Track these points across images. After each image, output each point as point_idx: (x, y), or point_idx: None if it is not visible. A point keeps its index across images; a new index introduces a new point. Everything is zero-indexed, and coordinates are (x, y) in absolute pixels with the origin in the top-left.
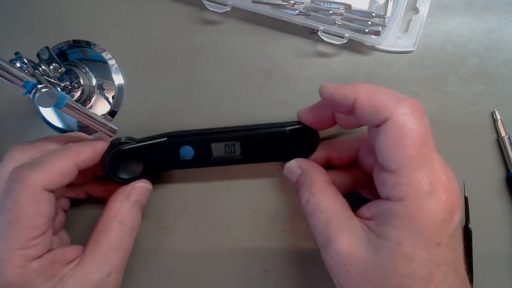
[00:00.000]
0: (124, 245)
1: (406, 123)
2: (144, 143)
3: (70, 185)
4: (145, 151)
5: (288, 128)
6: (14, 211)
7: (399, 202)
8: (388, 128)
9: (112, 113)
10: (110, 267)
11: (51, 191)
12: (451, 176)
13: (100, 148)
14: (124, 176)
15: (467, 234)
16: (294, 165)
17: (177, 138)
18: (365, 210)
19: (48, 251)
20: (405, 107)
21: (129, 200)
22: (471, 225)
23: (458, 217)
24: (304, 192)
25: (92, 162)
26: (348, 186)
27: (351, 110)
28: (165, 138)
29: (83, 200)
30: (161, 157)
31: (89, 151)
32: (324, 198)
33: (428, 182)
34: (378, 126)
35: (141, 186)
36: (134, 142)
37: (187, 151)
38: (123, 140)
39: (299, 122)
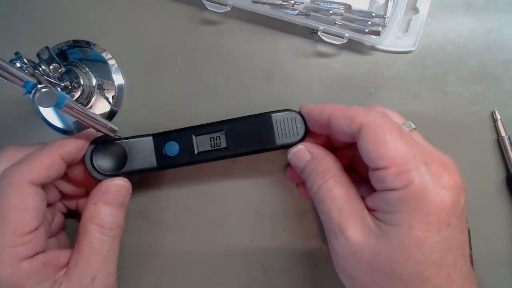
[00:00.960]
0: (105, 246)
1: (380, 123)
2: (128, 139)
3: (66, 198)
4: (129, 147)
5: (272, 113)
6: (1, 207)
7: (403, 189)
8: (365, 133)
9: (112, 113)
10: (93, 272)
11: (39, 185)
12: (447, 160)
13: (83, 141)
14: (104, 171)
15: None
16: (303, 150)
17: (161, 134)
18: (369, 201)
19: (41, 252)
20: (375, 114)
21: (103, 201)
22: (468, 225)
23: (463, 198)
24: (315, 178)
25: (77, 154)
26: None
27: (326, 124)
28: (150, 135)
29: None
30: (145, 155)
31: (73, 144)
32: (338, 185)
33: (423, 163)
34: (354, 136)
35: (116, 184)
36: (118, 138)
37: (172, 147)
38: (102, 137)
39: (285, 110)
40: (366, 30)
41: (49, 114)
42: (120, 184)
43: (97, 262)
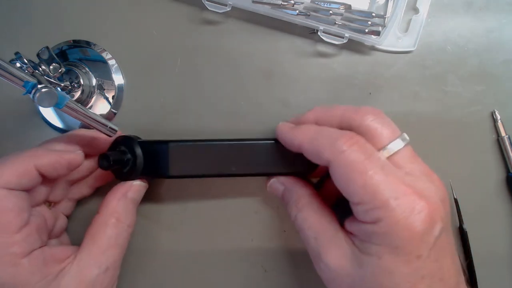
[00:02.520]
0: (121, 241)
1: (345, 161)
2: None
3: (74, 182)
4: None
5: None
6: None
7: (373, 224)
8: (333, 170)
9: (112, 113)
10: (107, 263)
11: (17, 189)
12: (426, 186)
13: (67, 159)
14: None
15: (462, 235)
16: (275, 182)
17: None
18: (347, 225)
19: (37, 249)
20: (340, 145)
21: (126, 198)
22: (465, 226)
23: (438, 228)
24: (291, 208)
25: (55, 170)
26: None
27: (300, 151)
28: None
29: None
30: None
31: (53, 157)
32: (311, 213)
33: (393, 197)
34: (327, 167)
35: (139, 184)
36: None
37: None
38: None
39: None
40: (366, 30)
41: (49, 114)
42: (142, 185)
43: (113, 255)
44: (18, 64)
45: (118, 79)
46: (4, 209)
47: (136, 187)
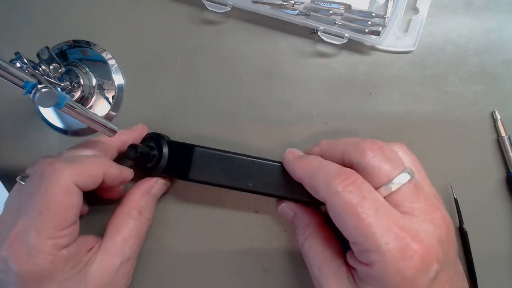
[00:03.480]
0: (141, 233)
1: (338, 203)
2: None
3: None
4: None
5: None
6: (45, 202)
7: (368, 266)
8: (328, 209)
9: (112, 113)
10: (129, 253)
11: (79, 188)
12: (421, 226)
13: (126, 174)
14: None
15: (462, 235)
16: (286, 207)
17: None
18: (349, 257)
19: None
20: (335, 186)
21: (149, 194)
22: (465, 226)
23: (433, 270)
24: (298, 235)
25: (113, 181)
26: None
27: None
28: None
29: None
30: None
31: (118, 170)
32: (316, 243)
33: (384, 243)
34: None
35: (163, 183)
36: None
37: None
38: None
39: None
40: (366, 30)
41: (49, 114)
42: (165, 183)
43: (134, 245)
44: (18, 64)
45: (118, 79)
46: (68, 207)
47: (160, 184)
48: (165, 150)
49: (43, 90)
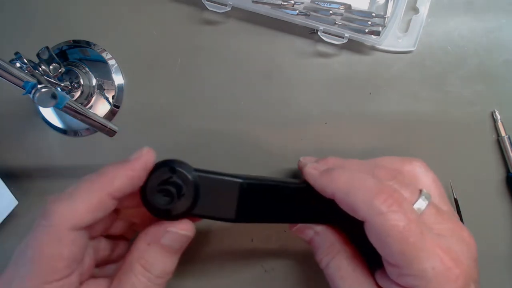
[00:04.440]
0: None
1: (383, 224)
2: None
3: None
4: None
5: None
6: (33, 252)
7: None
8: (368, 229)
9: (112, 113)
10: None
11: (81, 229)
12: (458, 247)
13: (139, 169)
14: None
15: None
16: (304, 226)
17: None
18: (379, 278)
19: None
20: (379, 205)
21: (158, 244)
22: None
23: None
24: (322, 254)
25: (131, 188)
26: None
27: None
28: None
29: None
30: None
31: (124, 176)
32: (344, 263)
33: (430, 267)
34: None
35: (176, 232)
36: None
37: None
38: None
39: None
40: (366, 30)
41: (49, 114)
42: (182, 234)
43: None
44: (18, 64)
45: (118, 79)
46: (59, 257)
47: (172, 234)
48: (190, 183)
49: (43, 90)
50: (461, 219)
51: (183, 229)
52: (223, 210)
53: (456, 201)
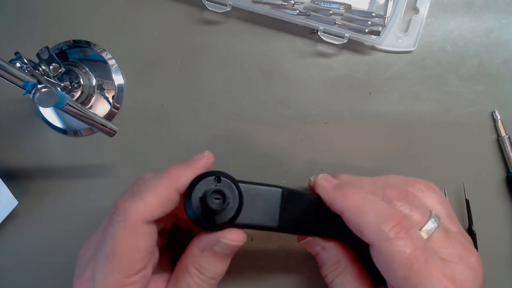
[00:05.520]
0: None
1: (389, 250)
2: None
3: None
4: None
5: None
6: (112, 246)
7: None
8: (374, 252)
9: (112, 113)
10: None
11: (152, 222)
12: (464, 275)
13: (201, 167)
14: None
15: (471, 237)
16: (313, 241)
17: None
18: None
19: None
20: (387, 231)
21: (211, 251)
22: (474, 228)
23: None
24: (328, 270)
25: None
26: None
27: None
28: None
29: None
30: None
31: (190, 173)
32: (351, 280)
33: None
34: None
35: (226, 243)
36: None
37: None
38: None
39: None
40: (366, 30)
41: (49, 114)
42: (233, 245)
43: None
44: (18, 64)
45: (118, 79)
46: (137, 249)
47: (224, 244)
48: (235, 193)
49: (43, 90)
50: (470, 221)
51: (234, 240)
52: (266, 218)
53: (467, 202)
